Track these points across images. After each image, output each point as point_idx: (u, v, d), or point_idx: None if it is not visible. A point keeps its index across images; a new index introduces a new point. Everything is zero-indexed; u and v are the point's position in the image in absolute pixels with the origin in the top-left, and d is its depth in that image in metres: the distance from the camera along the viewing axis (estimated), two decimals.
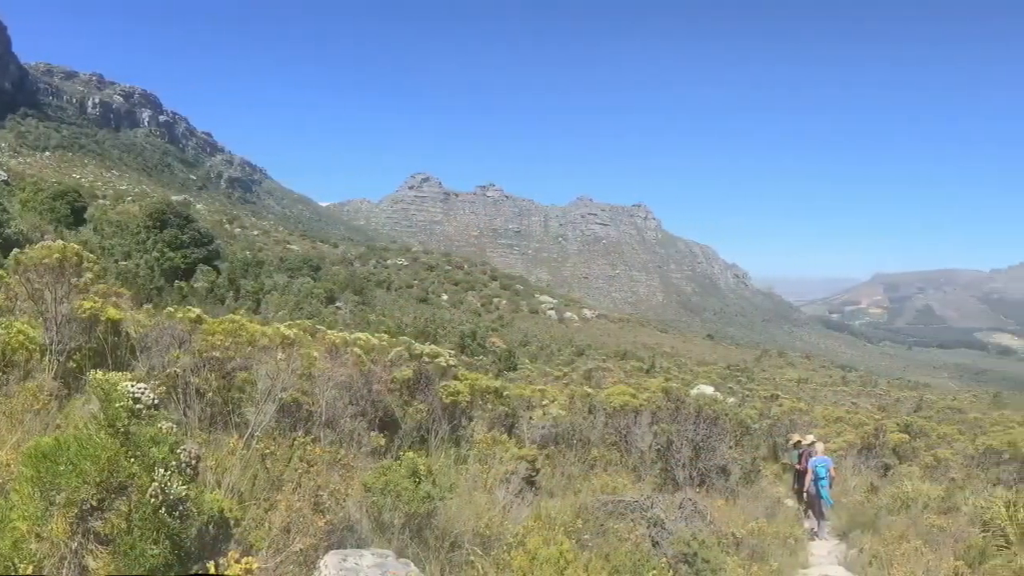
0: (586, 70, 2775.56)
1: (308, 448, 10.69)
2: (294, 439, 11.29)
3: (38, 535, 5.75)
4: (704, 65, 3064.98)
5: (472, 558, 9.93)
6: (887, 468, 33.02)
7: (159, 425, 6.54)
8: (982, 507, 18.36)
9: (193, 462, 6.77)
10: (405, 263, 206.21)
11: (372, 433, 14.69)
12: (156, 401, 6.61)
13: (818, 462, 23.94)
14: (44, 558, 5.73)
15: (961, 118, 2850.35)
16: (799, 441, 27.02)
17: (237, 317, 15.57)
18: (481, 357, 62.55)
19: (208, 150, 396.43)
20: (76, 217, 76.34)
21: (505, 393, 20.39)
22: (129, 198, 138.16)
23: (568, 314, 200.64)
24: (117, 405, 6.23)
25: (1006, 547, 15.63)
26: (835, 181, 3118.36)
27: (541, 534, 9.83)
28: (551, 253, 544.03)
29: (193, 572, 6.39)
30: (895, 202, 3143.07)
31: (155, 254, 65.39)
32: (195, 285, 63.11)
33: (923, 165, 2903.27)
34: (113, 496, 6.12)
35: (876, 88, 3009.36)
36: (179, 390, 12.23)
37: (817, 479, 23.67)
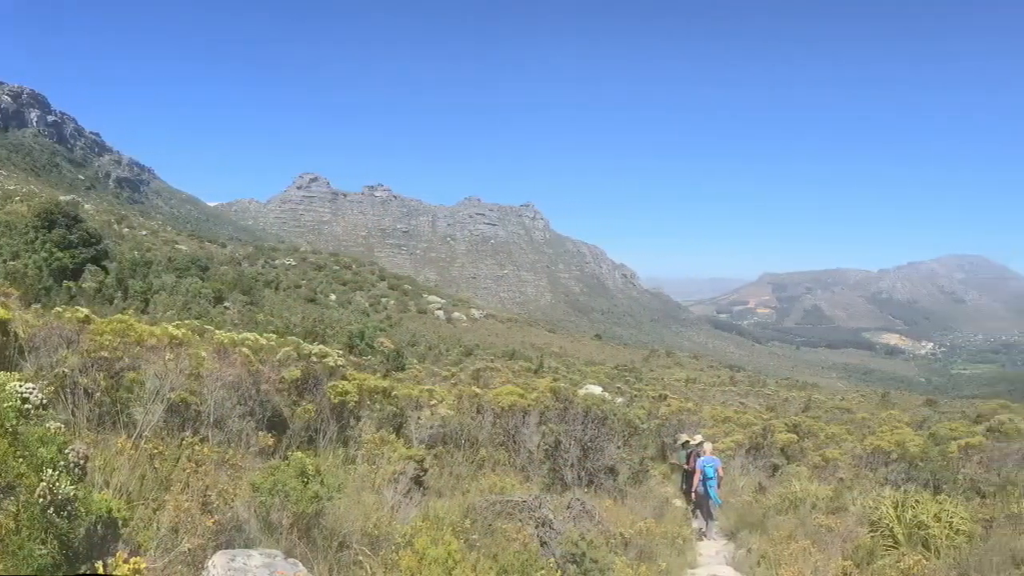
0: (474, 69, 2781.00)
1: (196, 448, 10.62)
2: (182, 439, 11.23)
3: None
4: (590, 63, 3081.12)
5: (360, 558, 9.93)
6: (775, 468, 33.17)
7: (47, 425, 6.51)
8: (870, 507, 18.38)
9: (81, 462, 6.74)
10: (293, 263, 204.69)
11: (260, 433, 14.59)
12: (44, 401, 6.58)
13: (706, 462, 24.00)
14: None
15: (847, 119, 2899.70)
16: (687, 441, 27.12)
17: (125, 317, 15.42)
18: (369, 357, 62.20)
19: (96, 150, 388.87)
20: None
21: (393, 393, 20.36)
22: (17, 198, 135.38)
23: (456, 314, 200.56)
24: (5, 405, 6.19)
25: (894, 547, 15.73)
26: (722, 181, 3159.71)
27: (429, 534, 9.85)
28: (439, 253, 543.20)
29: (81, 572, 6.36)
30: (783, 202, 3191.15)
31: (43, 254, 64.14)
32: (84, 285, 62.00)
33: (810, 165, 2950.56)
34: (1, 496, 6.08)
35: (760, 87, 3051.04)
36: (67, 390, 12.08)
37: (705, 479, 23.71)
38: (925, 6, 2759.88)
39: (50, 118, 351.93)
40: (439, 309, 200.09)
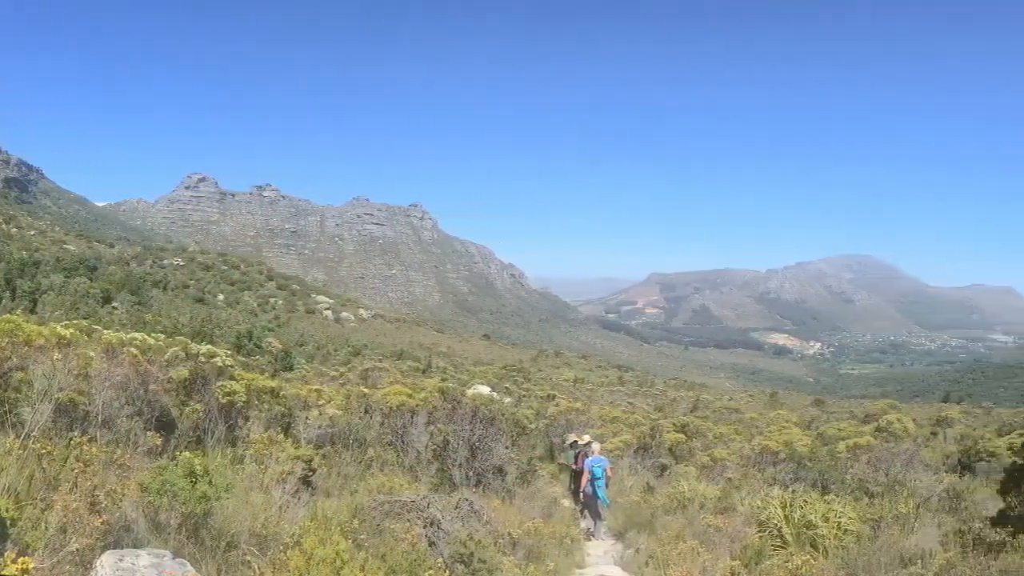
0: (362, 68, 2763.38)
1: (85, 448, 10.54)
2: (71, 439, 11.13)
3: None
4: (476, 63, 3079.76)
5: (249, 558, 9.89)
6: (664, 468, 33.36)
7: None
8: (759, 507, 18.52)
9: None
10: (181, 263, 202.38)
11: (149, 433, 14.48)
12: None
13: (594, 462, 24.00)
14: None
15: (733, 119, 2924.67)
16: (576, 441, 27.15)
17: (14, 317, 15.22)
18: (258, 357, 61.80)
19: None
20: None
21: (282, 393, 20.28)
22: None
23: (344, 314, 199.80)
24: None
25: (782, 547, 15.84)
26: (610, 181, 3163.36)
27: (318, 534, 9.83)
28: (328, 253, 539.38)
29: None
30: (672, 202, 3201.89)
31: None
32: None
33: (698, 165, 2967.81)
34: None
35: (650, 87, 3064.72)
36: None
37: (594, 479, 23.69)
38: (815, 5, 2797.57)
39: None
40: (327, 309, 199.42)
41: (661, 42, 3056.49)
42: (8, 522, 7.43)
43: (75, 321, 29.94)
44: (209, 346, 22.10)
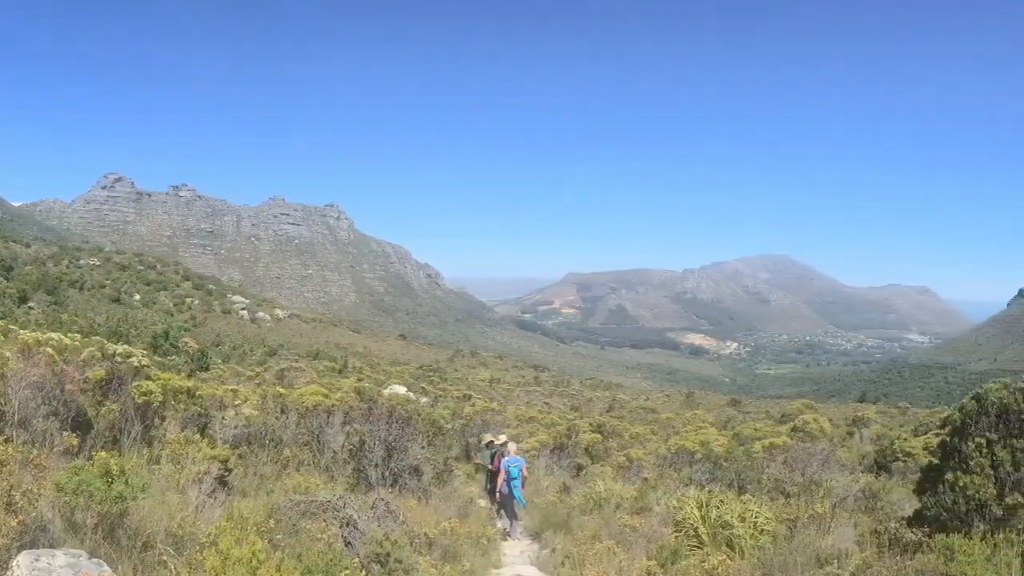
0: (278, 66, 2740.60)
1: (0, 448, 10.55)
2: None
3: None
4: (388, 64, 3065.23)
5: (165, 558, 9.90)
6: (580, 468, 33.45)
7: None
8: (675, 507, 18.28)
9: None
10: (98, 263, 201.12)
11: (65, 433, 14.42)
12: None
13: (511, 462, 23.99)
14: None
15: (650, 119, 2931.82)
16: (492, 441, 27.07)
17: None
18: (174, 357, 61.50)
19: None
20: None
21: (198, 393, 20.20)
22: None
23: (260, 314, 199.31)
24: None
25: (698, 547, 15.75)
26: (526, 182, 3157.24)
27: (234, 534, 9.83)
28: (244, 253, 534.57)
29: None
30: (589, 202, 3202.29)
31: None
32: None
33: (615, 165, 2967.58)
34: None
35: (562, 88, 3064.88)
36: None
37: (510, 479, 23.67)
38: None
39: None
40: (243, 309, 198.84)
41: (571, 38, 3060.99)
42: None
43: None
44: (125, 346, 21.90)
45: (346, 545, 12.83)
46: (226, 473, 15.97)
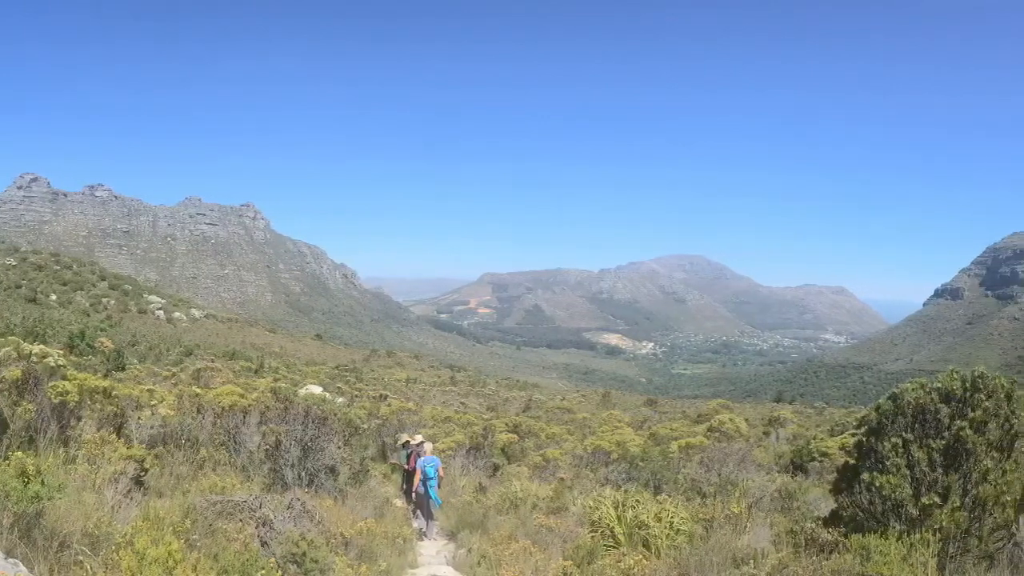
0: (191, 66, 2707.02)
1: None
2: None
3: None
4: (307, 64, 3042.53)
5: (81, 558, 9.91)
6: (496, 468, 33.57)
7: None
8: (591, 507, 18.31)
9: None
10: (13, 263, 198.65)
11: None
12: None
13: (427, 462, 24.05)
14: None
15: (563, 119, 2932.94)
16: (408, 441, 27.01)
17: None
18: (90, 357, 60.86)
19: None
20: None
21: (114, 393, 20.10)
22: None
23: (177, 314, 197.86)
24: None
25: (615, 547, 15.83)
26: (442, 182, 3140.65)
27: (150, 534, 9.83)
28: (160, 253, 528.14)
29: None
30: (505, 202, 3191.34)
31: None
32: None
33: (531, 165, 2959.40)
34: None
35: (472, 87, 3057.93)
36: None
37: (426, 479, 23.70)
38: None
39: None
40: (159, 309, 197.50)
41: (503, 41, 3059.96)
42: None
43: None
44: (41, 346, 21.82)
45: (262, 545, 12.85)
46: (142, 473, 15.97)
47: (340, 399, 47.67)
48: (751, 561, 13.64)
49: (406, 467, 26.48)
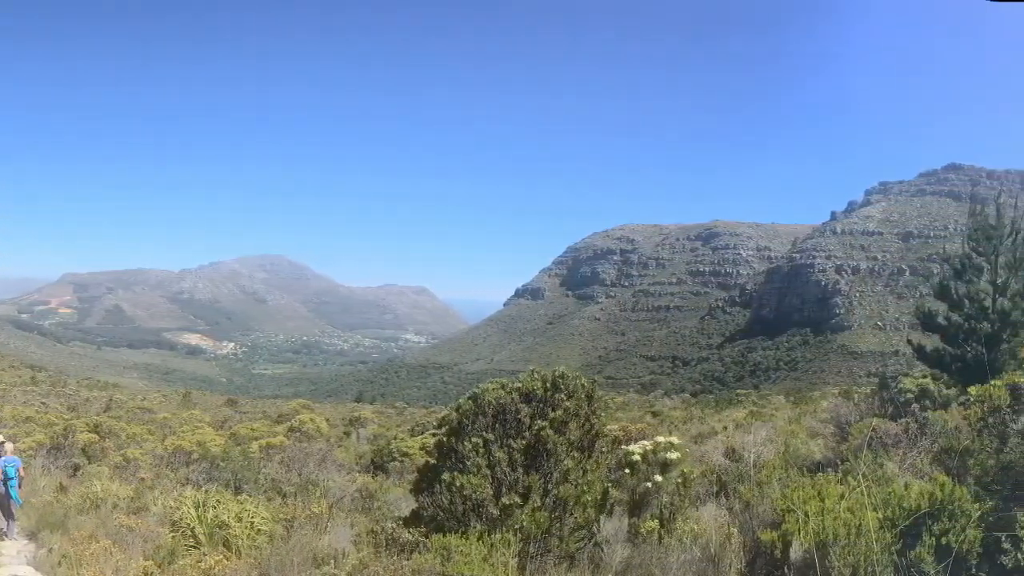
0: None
1: None
2: None
3: None
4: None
5: None
6: (77, 468, 32.88)
7: None
8: (172, 507, 18.60)
9: None
10: None
11: None
12: None
13: (7, 462, 23.40)
14: None
15: (143, 119, 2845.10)
16: None
17: None
18: None
19: None
20: None
21: None
22: None
23: None
24: None
25: (196, 547, 15.95)
26: (20, 183, 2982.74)
27: None
28: None
29: None
30: (84, 202, 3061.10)
31: None
32: None
33: (106, 165, 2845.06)
34: None
35: (39, 86, 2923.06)
36: None
37: (6, 479, 23.11)
38: None
39: None
40: None
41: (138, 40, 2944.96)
42: None
43: None
44: None
45: None
46: None
47: None
48: (332, 561, 14.15)
49: None
